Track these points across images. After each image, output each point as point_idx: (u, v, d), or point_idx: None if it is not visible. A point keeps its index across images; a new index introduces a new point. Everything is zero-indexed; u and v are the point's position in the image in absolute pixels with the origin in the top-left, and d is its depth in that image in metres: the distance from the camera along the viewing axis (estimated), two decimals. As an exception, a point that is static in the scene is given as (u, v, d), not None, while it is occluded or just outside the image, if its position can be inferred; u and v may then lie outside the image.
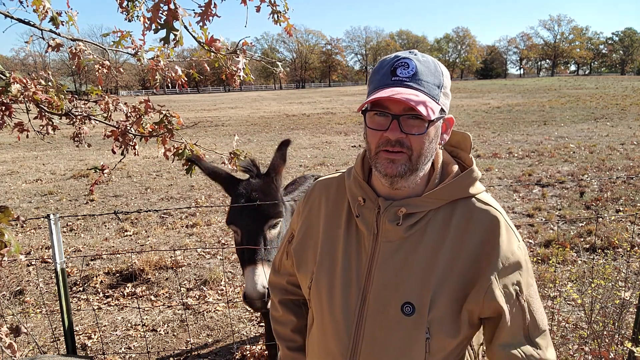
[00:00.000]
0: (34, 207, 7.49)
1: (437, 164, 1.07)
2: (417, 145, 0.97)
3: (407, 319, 1.00)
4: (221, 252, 5.20)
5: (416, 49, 1.03)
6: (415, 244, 1.03)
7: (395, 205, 1.03)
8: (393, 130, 0.96)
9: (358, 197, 1.09)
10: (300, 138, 14.74)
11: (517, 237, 1.04)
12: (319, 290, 1.12)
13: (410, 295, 1.01)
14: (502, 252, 0.99)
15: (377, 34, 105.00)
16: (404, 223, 1.02)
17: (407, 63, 0.95)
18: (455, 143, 1.14)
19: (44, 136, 2.43)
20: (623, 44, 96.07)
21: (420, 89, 0.94)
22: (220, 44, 2.31)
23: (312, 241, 1.18)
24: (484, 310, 1.01)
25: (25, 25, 2.20)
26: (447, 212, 1.04)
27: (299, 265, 1.20)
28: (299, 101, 36.00)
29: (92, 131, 2.72)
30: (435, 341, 1.00)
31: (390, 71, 0.96)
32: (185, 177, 9.12)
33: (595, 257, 4.68)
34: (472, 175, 1.05)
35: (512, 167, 9.06)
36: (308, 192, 1.25)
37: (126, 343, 3.54)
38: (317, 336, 1.15)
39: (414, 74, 0.94)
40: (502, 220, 1.03)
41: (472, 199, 1.05)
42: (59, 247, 2.30)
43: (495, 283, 0.98)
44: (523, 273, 1.01)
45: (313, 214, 1.20)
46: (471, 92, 38.32)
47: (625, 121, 15.39)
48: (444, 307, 1.00)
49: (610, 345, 2.58)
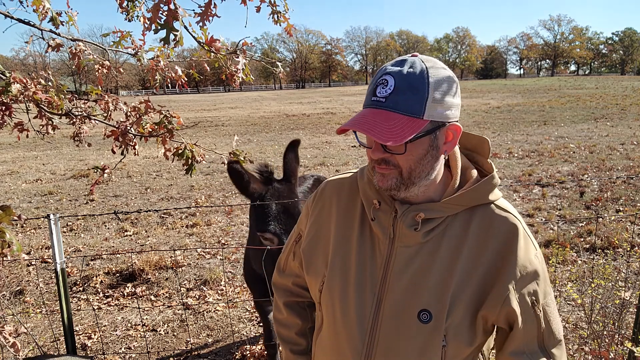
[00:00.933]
0: (34, 207, 7.49)
1: (455, 169, 1.05)
2: (403, 163, 0.96)
3: (424, 326, 0.99)
4: (221, 252, 5.20)
5: (417, 50, 1.01)
6: (433, 250, 1.01)
7: (413, 210, 1.01)
8: (375, 150, 0.97)
9: (373, 199, 1.07)
10: (300, 138, 14.73)
11: (534, 245, 1.03)
12: (332, 294, 1.10)
13: (427, 302, 0.99)
14: (519, 261, 0.98)
15: (377, 34, 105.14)
16: (422, 228, 1.00)
17: (387, 80, 0.92)
18: (472, 147, 1.12)
19: (44, 136, 2.43)
20: (623, 44, 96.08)
21: (396, 110, 0.91)
22: (220, 44, 2.31)
23: (323, 243, 1.16)
24: (500, 319, 1.00)
25: (25, 25, 2.20)
26: (466, 218, 1.02)
27: (308, 267, 1.18)
28: (299, 101, 35.99)
29: (92, 131, 2.71)
30: (452, 348, 0.99)
31: (373, 90, 0.95)
32: (186, 177, 9.13)
33: (595, 257, 4.68)
34: (492, 182, 1.03)
35: (512, 167, 9.06)
36: (318, 192, 1.23)
37: (126, 343, 3.54)
38: (328, 340, 1.14)
39: (392, 93, 0.91)
40: (521, 229, 1.02)
41: (490, 205, 1.03)
42: (59, 247, 2.30)
43: (512, 292, 0.97)
44: (540, 282, 1.00)
45: (324, 215, 1.18)
46: (471, 92, 38.32)
47: (625, 121, 15.39)
48: (461, 314, 0.98)
49: (610, 345, 2.58)
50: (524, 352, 1.00)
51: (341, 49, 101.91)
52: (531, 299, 0.99)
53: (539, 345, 1.01)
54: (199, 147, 2.57)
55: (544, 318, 1.01)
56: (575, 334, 3.02)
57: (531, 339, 1.01)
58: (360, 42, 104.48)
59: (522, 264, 0.98)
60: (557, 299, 3.46)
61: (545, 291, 1.02)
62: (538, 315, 1.00)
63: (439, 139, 0.97)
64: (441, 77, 0.94)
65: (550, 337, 1.02)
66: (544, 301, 1.01)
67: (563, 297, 3.66)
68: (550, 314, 1.02)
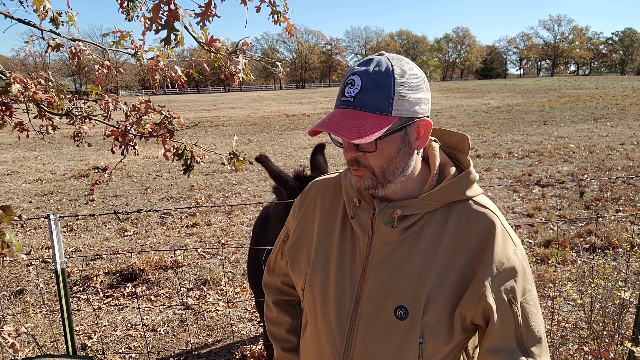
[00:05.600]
0: (34, 207, 7.49)
1: (434, 166, 1.06)
2: (374, 162, 0.97)
3: (400, 323, 0.99)
4: (221, 252, 5.20)
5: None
6: (410, 247, 1.02)
7: (391, 207, 1.02)
8: (347, 150, 0.99)
9: (353, 198, 1.09)
10: (300, 138, 14.74)
11: (514, 241, 1.02)
12: (313, 291, 1.11)
13: (404, 298, 1.00)
14: (496, 257, 0.98)
15: (377, 34, 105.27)
16: (399, 225, 1.01)
17: (354, 80, 0.94)
18: (453, 144, 1.12)
19: (44, 136, 2.43)
20: (623, 44, 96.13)
21: (363, 109, 0.92)
22: (220, 44, 2.31)
23: (307, 242, 1.17)
24: (477, 315, 0.99)
25: (25, 25, 2.20)
26: (444, 215, 1.02)
27: (293, 266, 1.19)
28: (299, 101, 35.99)
29: (92, 131, 2.72)
30: (429, 346, 0.99)
31: (342, 90, 0.97)
32: (186, 177, 9.12)
33: (595, 257, 4.68)
34: (469, 178, 1.03)
35: (512, 167, 9.06)
36: (304, 192, 1.24)
37: (126, 343, 3.54)
38: (310, 338, 1.15)
39: (359, 92, 0.93)
40: (499, 224, 1.01)
41: (469, 202, 1.03)
42: (59, 247, 2.30)
43: (488, 288, 0.96)
44: (518, 279, 0.99)
45: (308, 214, 1.19)
46: (471, 92, 38.32)
47: (625, 121, 15.40)
48: (438, 311, 0.98)
49: (610, 345, 2.59)
50: (500, 350, 0.99)
51: (341, 49, 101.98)
52: (508, 296, 0.98)
53: (517, 343, 1.00)
54: (199, 148, 2.57)
55: (522, 315, 0.99)
56: (575, 334, 3.02)
57: (508, 336, 0.99)
58: (360, 42, 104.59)
59: (499, 260, 0.98)
60: (557, 299, 3.46)
61: (525, 288, 1.00)
62: (515, 312, 0.98)
63: (410, 135, 0.98)
64: (407, 73, 0.95)
65: (529, 335, 1.00)
66: (522, 298, 1.00)
67: (563, 297, 3.66)
68: (529, 311, 1.01)
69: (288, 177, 2.09)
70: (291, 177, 2.10)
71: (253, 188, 8.23)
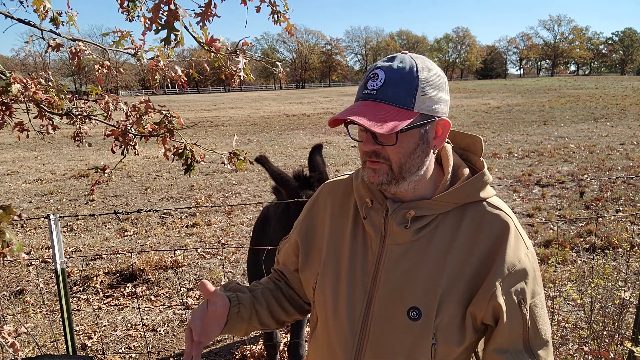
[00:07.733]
0: (34, 207, 7.49)
1: (447, 167, 1.06)
2: (393, 155, 0.97)
3: (413, 324, 0.99)
4: (221, 252, 5.20)
5: (417, 51, 1.02)
6: (423, 248, 1.01)
7: (404, 208, 1.02)
8: (366, 142, 0.98)
9: (365, 198, 1.08)
10: (300, 138, 14.74)
11: (525, 244, 1.02)
12: (324, 291, 1.10)
13: (417, 299, 0.99)
14: (508, 259, 0.98)
15: (377, 34, 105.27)
16: (412, 226, 1.01)
17: (377, 74, 0.95)
18: (465, 146, 1.12)
19: (44, 136, 2.43)
20: (623, 44, 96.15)
21: (386, 101, 0.93)
22: (220, 44, 2.31)
23: (317, 242, 1.17)
24: (487, 315, 1.00)
25: (26, 25, 2.20)
26: (457, 216, 1.02)
27: (303, 267, 1.18)
28: (299, 101, 36.00)
29: (92, 131, 2.72)
30: (441, 347, 0.99)
31: (364, 83, 0.98)
32: (186, 177, 9.12)
33: (595, 257, 4.68)
34: (483, 179, 1.03)
35: (512, 167, 9.06)
36: (315, 194, 1.25)
37: (126, 343, 3.54)
38: (321, 337, 1.14)
39: (382, 85, 0.94)
40: (512, 226, 1.01)
41: (482, 203, 1.03)
42: (59, 247, 2.30)
43: (499, 289, 0.97)
44: (529, 281, 1.00)
45: (319, 215, 1.19)
46: (471, 92, 38.32)
47: (625, 121, 15.40)
48: (451, 312, 0.98)
49: (610, 345, 2.59)
50: (507, 350, 0.99)
51: (341, 49, 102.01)
52: (518, 297, 0.98)
53: (524, 345, 1.00)
54: (199, 147, 2.57)
55: (531, 317, 1.00)
56: (575, 334, 3.02)
57: (516, 337, 1.00)
58: (360, 42, 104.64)
59: (510, 262, 0.98)
60: (557, 299, 3.46)
61: (534, 291, 1.01)
62: (524, 313, 0.99)
63: (429, 133, 0.98)
64: (430, 72, 0.96)
65: (536, 337, 1.01)
66: (531, 301, 1.00)
67: (563, 297, 3.66)
68: (538, 314, 1.01)
69: (288, 177, 2.10)
70: (291, 178, 2.10)
71: (253, 188, 8.23)
